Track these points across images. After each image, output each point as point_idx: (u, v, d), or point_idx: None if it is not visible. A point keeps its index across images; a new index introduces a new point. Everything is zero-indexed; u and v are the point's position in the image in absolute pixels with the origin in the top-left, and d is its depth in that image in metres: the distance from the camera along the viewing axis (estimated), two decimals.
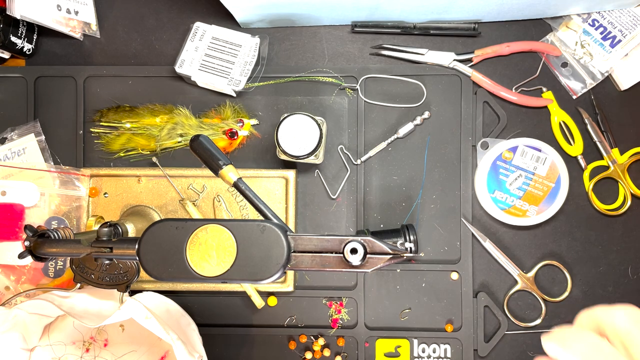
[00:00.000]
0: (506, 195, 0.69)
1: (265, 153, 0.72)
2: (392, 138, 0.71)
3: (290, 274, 0.69)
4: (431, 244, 0.71)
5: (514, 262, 0.71)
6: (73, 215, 0.69)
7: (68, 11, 0.69)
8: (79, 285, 0.60)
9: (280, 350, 0.71)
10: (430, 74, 0.71)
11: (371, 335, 0.71)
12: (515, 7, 0.67)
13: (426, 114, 0.71)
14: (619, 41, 0.69)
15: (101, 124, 0.71)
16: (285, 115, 0.62)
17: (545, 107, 0.71)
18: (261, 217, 0.46)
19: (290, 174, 0.69)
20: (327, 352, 0.70)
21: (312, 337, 0.71)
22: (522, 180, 0.69)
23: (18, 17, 0.64)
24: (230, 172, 0.51)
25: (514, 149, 0.69)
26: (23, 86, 0.72)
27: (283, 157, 0.64)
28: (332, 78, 0.71)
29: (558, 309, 0.71)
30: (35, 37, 0.72)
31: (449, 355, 0.70)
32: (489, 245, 0.69)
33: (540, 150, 0.69)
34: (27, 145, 0.70)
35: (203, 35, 0.69)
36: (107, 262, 0.51)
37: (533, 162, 0.69)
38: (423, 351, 0.70)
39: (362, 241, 0.39)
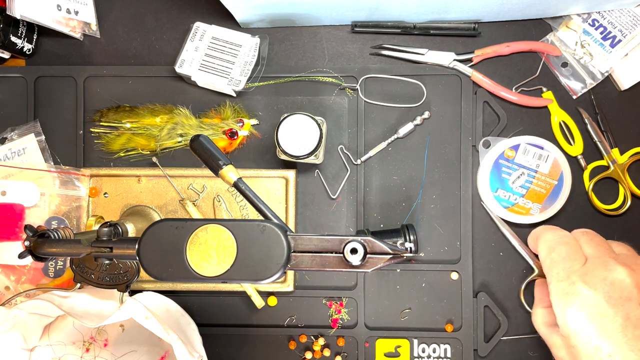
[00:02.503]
0: (509, 193, 0.69)
1: (265, 153, 0.72)
2: (392, 138, 0.71)
3: (290, 274, 0.69)
4: (431, 244, 0.71)
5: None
6: (73, 215, 0.69)
7: (68, 11, 0.69)
8: (79, 285, 0.60)
9: (280, 350, 0.71)
10: (430, 74, 0.71)
11: (371, 335, 0.71)
12: (515, 7, 0.67)
13: (426, 114, 0.71)
14: (619, 41, 0.69)
15: (101, 124, 0.71)
16: (285, 115, 0.62)
17: (545, 107, 0.71)
18: (261, 217, 0.46)
19: (290, 174, 0.69)
20: (327, 352, 0.70)
21: (312, 337, 0.71)
22: (524, 178, 0.69)
23: (18, 17, 0.64)
24: (230, 172, 0.51)
25: (516, 147, 0.69)
26: (23, 86, 0.72)
27: (283, 157, 0.64)
28: (332, 78, 0.71)
29: None
30: (35, 37, 0.72)
31: (449, 355, 0.70)
32: (506, 232, 0.69)
33: (542, 148, 0.69)
34: (27, 145, 0.70)
35: (203, 35, 0.69)
36: (107, 262, 0.51)
37: (535, 160, 0.69)
38: (423, 351, 0.70)
39: (362, 241, 0.39)
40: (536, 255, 0.52)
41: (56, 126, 0.72)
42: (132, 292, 0.65)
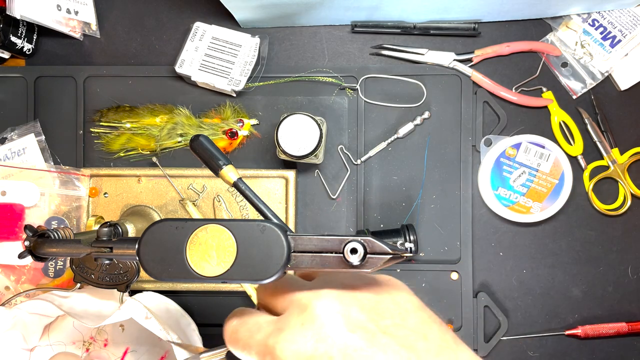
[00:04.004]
0: (510, 192, 0.69)
1: (265, 153, 0.72)
2: (392, 138, 0.71)
3: (290, 273, 0.69)
4: (431, 244, 0.71)
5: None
6: (73, 215, 0.69)
7: (68, 11, 0.69)
8: (79, 285, 0.60)
9: None
10: (430, 74, 0.71)
11: None
12: (515, 7, 0.67)
13: (426, 114, 0.71)
14: (619, 41, 0.69)
15: (101, 124, 0.71)
16: (285, 115, 0.62)
17: (545, 107, 0.71)
18: (261, 217, 0.46)
19: (290, 174, 0.69)
20: None
21: None
22: (525, 177, 0.69)
23: (18, 17, 0.64)
24: (230, 172, 0.51)
25: (517, 146, 0.69)
26: (23, 86, 0.72)
27: (283, 157, 0.64)
28: (332, 78, 0.71)
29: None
30: (35, 37, 0.72)
31: None
32: None
33: (543, 147, 0.69)
34: (27, 145, 0.70)
35: (203, 35, 0.69)
36: (107, 262, 0.51)
37: (537, 159, 0.69)
38: None
39: (362, 241, 0.39)
40: None
41: (56, 126, 0.72)
42: (132, 292, 0.65)
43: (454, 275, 0.70)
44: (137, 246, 0.43)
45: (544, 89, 0.71)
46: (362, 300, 0.33)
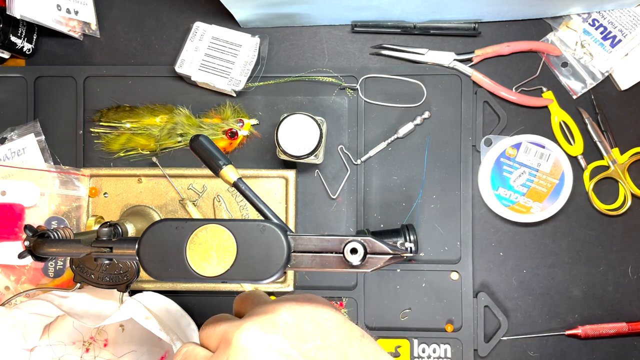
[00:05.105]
0: (510, 192, 0.69)
1: (265, 153, 0.72)
2: (392, 138, 0.71)
3: (290, 274, 0.69)
4: (431, 244, 0.71)
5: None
6: (73, 215, 0.69)
7: (68, 11, 0.69)
8: (79, 285, 0.60)
9: None
10: (430, 74, 0.71)
11: (371, 335, 0.70)
12: (515, 7, 0.67)
13: (426, 114, 0.71)
14: (619, 41, 0.69)
15: (101, 124, 0.71)
16: (285, 115, 0.62)
17: (546, 107, 0.71)
18: (261, 217, 0.46)
19: (290, 174, 0.69)
20: None
21: None
22: (525, 177, 0.69)
23: (18, 17, 0.64)
24: (230, 172, 0.51)
25: (517, 146, 0.69)
26: (23, 86, 0.72)
27: (283, 157, 0.64)
28: (332, 78, 0.71)
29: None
30: (35, 37, 0.72)
31: (449, 355, 0.70)
32: None
33: (544, 147, 0.69)
34: (27, 145, 0.70)
35: (203, 35, 0.69)
36: (107, 262, 0.51)
37: (537, 159, 0.69)
38: (423, 351, 0.70)
39: (362, 241, 0.39)
40: None
41: (56, 126, 0.72)
42: (132, 292, 0.65)
43: (454, 275, 0.70)
44: (137, 246, 0.43)
45: (544, 89, 0.71)
46: (284, 327, 0.34)
